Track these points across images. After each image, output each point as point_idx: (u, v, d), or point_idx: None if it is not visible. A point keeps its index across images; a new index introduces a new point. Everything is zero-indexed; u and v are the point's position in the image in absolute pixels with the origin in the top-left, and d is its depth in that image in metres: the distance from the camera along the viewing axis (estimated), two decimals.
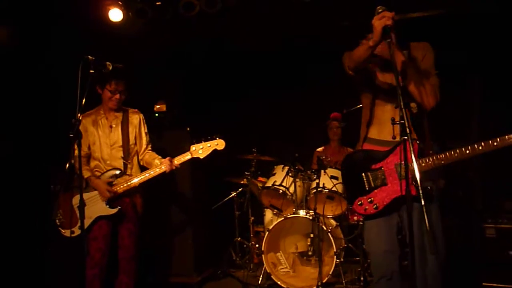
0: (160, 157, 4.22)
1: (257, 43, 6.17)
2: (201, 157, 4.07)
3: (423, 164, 2.69)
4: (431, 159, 2.68)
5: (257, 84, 6.76)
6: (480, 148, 2.55)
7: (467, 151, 2.58)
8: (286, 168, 5.30)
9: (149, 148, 4.36)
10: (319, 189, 4.99)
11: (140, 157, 4.31)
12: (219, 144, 4.06)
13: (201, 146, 4.05)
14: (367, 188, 2.89)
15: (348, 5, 5.40)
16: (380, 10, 2.63)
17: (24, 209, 4.91)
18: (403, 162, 2.67)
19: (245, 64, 6.62)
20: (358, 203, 2.91)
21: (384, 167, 2.85)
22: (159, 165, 4.06)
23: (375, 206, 2.84)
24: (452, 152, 2.62)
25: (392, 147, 2.84)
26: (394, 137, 2.71)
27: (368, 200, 2.87)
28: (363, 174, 2.91)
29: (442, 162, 2.65)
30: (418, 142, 2.77)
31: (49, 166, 4.90)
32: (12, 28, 5.09)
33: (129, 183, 4.04)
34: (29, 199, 4.95)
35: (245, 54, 6.48)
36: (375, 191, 2.87)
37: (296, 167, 5.24)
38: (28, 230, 4.90)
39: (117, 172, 4.09)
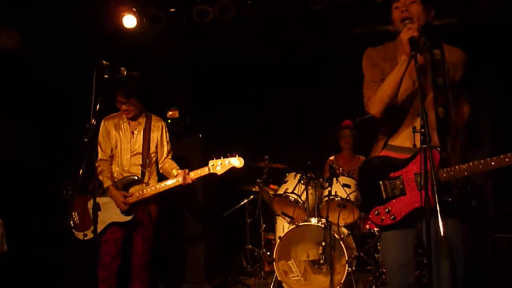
0: (178, 167, 4.22)
1: (270, 50, 6.19)
2: (219, 173, 4.09)
3: (444, 175, 2.54)
4: (453, 170, 2.53)
5: (269, 92, 6.77)
6: (507, 160, 2.40)
7: (493, 163, 2.43)
8: (298, 175, 5.27)
9: (169, 156, 4.37)
10: (331, 197, 4.97)
11: (159, 165, 4.32)
12: (238, 162, 4.08)
13: (220, 163, 4.06)
14: (384, 197, 2.74)
15: (360, 12, 5.41)
16: (406, 22, 2.59)
17: (35, 213, 4.93)
18: (420, 172, 2.53)
19: (258, 71, 6.63)
20: (375, 213, 2.77)
21: (403, 176, 2.70)
22: (175, 177, 4.07)
23: (393, 216, 2.70)
24: (476, 163, 2.48)
25: (412, 155, 2.69)
26: (414, 146, 2.58)
27: (386, 210, 2.73)
28: (381, 182, 2.76)
29: (465, 173, 2.50)
30: (439, 150, 2.62)
31: (61, 171, 4.94)
32: (24, 33, 5.13)
33: (143, 193, 4.05)
34: (40, 204, 4.97)
35: (258, 61, 6.49)
36: (393, 201, 2.72)
37: (308, 175, 5.22)
38: (39, 233, 4.92)
39: (134, 179, 4.11)
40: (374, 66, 2.85)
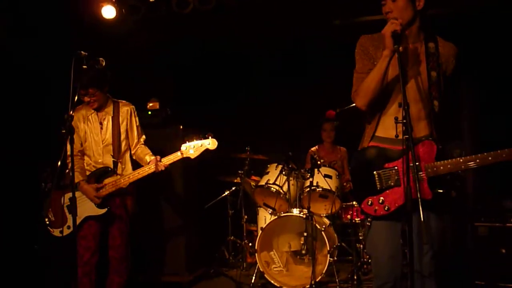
0: (151, 153, 4.12)
1: (251, 40, 6.16)
2: (192, 157, 3.95)
3: (441, 167, 2.57)
4: (450, 162, 2.56)
5: (250, 83, 6.75)
6: (504, 155, 2.44)
7: (490, 158, 2.47)
8: (280, 166, 5.27)
9: (142, 141, 4.24)
10: (312, 187, 4.98)
11: (132, 151, 4.20)
12: (211, 143, 3.93)
13: (193, 146, 3.92)
14: (378, 188, 2.72)
15: (343, 1, 5.40)
16: (390, 18, 2.58)
17: (14, 206, 4.86)
18: (417, 163, 2.56)
19: (239, 62, 6.61)
20: (368, 203, 2.74)
21: (399, 167, 2.68)
22: (148, 165, 3.97)
23: (387, 207, 2.68)
24: (474, 157, 2.50)
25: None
26: (396, 136, 2.56)
27: (379, 201, 2.71)
28: (375, 173, 2.74)
29: (462, 166, 2.54)
30: (435, 142, 2.64)
31: (39, 163, 4.87)
32: (1, 22, 5.03)
33: (116, 184, 3.96)
34: (19, 196, 4.90)
35: (239, 52, 6.46)
36: (387, 191, 2.70)
37: (290, 166, 5.22)
38: (18, 227, 4.85)
39: (107, 170, 4.03)
40: (365, 56, 2.83)
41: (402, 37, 2.59)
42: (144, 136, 4.28)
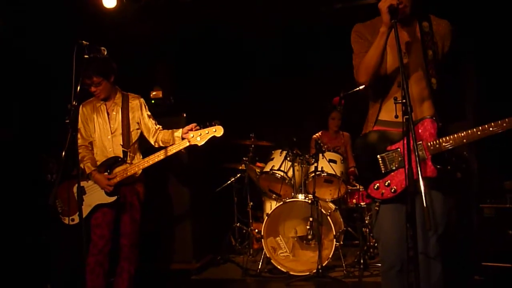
0: (172, 130, 4.12)
1: (254, 27, 6.11)
2: (199, 144, 3.95)
3: (443, 144, 2.58)
4: (452, 138, 2.57)
5: (254, 69, 6.73)
6: (505, 124, 2.45)
7: (491, 128, 2.48)
8: (284, 152, 5.29)
9: (160, 128, 4.23)
10: (317, 173, 4.99)
11: (153, 140, 4.19)
12: (217, 130, 3.92)
13: (200, 133, 3.94)
14: (383, 171, 2.74)
15: None
16: None
17: (18, 198, 4.88)
18: (420, 143, 2.61)
19: (243, 48, 6.58)
20: (374, 187, 2.76)
21: (401, 148, 2.69)
22: (156, 153, 4.00)
23: (393, 189, 2.70)
24: (475, 130, 2.51)
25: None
26: (396, 116, 2.50)
27: (385, 184, 2.72)
28: (379, 157, 2.75)
29: (464, 140, 2.54)
30: (435, 120, 2.66)
31: (43, 154, 4.88)
32: (6, 12, 5.02)
33: (127, 172, 3.99)
34: (23, 187, 4.91)
35: (243, 38, 6.42)
36: (392, 174, 2.72)
37: (294, 152, 5.23)
38: (23, 217, 4.87)
39: (116, 160, 4.05)
40: (362, 39, 2.85)
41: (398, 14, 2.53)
42: (156, 123, 4.27)
